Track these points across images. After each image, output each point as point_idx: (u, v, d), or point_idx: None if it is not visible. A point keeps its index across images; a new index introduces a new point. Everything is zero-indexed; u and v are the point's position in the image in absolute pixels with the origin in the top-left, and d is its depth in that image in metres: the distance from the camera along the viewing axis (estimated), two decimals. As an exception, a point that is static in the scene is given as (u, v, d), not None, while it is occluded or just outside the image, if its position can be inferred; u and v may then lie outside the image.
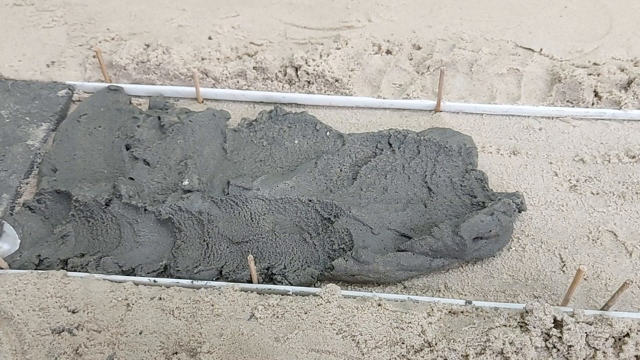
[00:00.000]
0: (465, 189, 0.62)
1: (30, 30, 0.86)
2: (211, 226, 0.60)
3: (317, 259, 0.59)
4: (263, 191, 0.61)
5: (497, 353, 0.50)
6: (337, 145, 0.66)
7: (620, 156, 0.67)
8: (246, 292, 0.56)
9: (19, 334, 0.53)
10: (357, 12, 0.88)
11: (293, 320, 0.52)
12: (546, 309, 0.50)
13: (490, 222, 0.56)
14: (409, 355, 0.50)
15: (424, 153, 0.64)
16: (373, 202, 0.62)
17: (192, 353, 0.51)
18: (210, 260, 0.59)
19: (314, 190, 0.62)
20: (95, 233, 0.61)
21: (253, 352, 0.51)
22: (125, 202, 0.61)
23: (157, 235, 0.61)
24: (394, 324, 0.52)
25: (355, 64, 0.77)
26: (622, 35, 0.81)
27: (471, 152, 0.64)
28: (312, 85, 0.74)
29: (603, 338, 0.50)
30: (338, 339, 0.51)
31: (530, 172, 0.67)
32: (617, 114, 0.71)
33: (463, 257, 0.57)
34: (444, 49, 0.79)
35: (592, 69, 0.75)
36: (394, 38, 0.82)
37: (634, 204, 0.63)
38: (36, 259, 0.60)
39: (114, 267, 0.58)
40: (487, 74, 0.76)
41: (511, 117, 0.72)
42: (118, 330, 0.53)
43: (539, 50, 0.79)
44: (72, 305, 0.54)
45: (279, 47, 0.83)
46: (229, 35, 0.85)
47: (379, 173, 0.64)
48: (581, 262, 0.59)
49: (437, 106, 0.72)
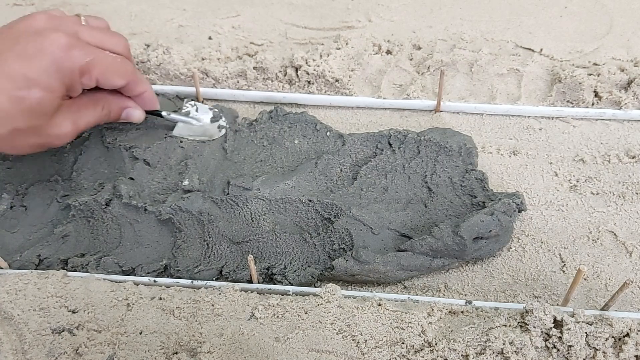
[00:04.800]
0: (466, 189, 0.62)
1: (31, 30, 0.86)
2: (211, 226, 0.60)
3: (317, 259, 0.59)
4: (263, 191, 0.61)
5: (497, 353, 0.50)
6: (337, 145, 0.66)
7: (620, 156, 0.67)
8: (246, 292, 0.56)
9: (19, 333, 0.53)
10: (358, 12, 0.88)
11: (293, 320, 0.53)
12: (546, 309, 0.50)
13: (490, 222, 0.56)
14: (409, 355, 0.51)
15: (424, 153, 0.64)
16: (373, 202, 0.62)
17: (192, 353, 0.52)
18: (210, 260, 0.59)
19: (314, 190, 0.62)
20: (95, 233, 0.61)
21: (253, 352, 0.51)
22: (126, 202, 0.61)
23: (157, 235, 0.61)
24: (394, 323, 0.52)
25: (356, 64, 0.77)
26: (622, 36, 0.81)
27: (471, 152, 0.64)
28: (312, 85, 0.74)
29: (603, 338, 0.50)
30: (338, 339, 0.51)
31: (530, 172, 0.67)
32: (617, 114, 0.71)
33: (463, 257, 0.57)
34: (444, 49, 0.79)
35: (592, 69, 0.75)
36: (394, 38, 0.82)
37: (634, 204, 0.63)
38: (36, 259, 0.60)
39: (115, 267, 0.59)
40: (487, 74, 0.76)
41: (511, 117, 0.72)
42: (118, 330, 0.53)
43: (539, 51, 0.79)
44: (73, 305, 0.54)
45: (279, 47, 0.83)
46: (229, 35, 0.85)
47: (379, 173, 0.64)
48: (581, 262, 0.59)
49: (437, 106, 0.72)
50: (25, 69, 0.50)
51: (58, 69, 0.52)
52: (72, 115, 0.56)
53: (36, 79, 0.51)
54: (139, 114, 0.62)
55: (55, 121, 0.54)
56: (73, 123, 0.56)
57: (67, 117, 0.55)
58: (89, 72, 0.54)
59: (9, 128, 0.51)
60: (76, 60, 0.53)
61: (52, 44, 0.52)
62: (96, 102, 0.58)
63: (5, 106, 0.50)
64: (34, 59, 0.51)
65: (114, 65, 0.57)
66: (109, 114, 0.60)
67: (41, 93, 0.51)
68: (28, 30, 0.52)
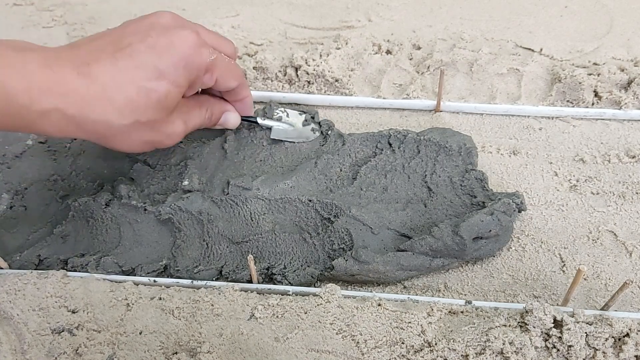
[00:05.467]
0: (465, 189, 0.62)
1: (30, 30, 0.86)
2: (211, 226, 0.60)
3: (317, 258, 0.59)
4: (263, 191, 0.61)
5: (497, 353, 0.50)
6: (337, 145, 0.66)
7: (620, 156, 0.67)
8: (246, 292, 0.56)
9: (19, 334, 0.53)
10: (357, 11, 0.88)
11: (293, 320, 0.53)
12: (546, 309, 0.50)
13: (490, 222, 0.56)
14: (409, 355, 0.51)
15: (424, 153, 0.64)
16: (373, 202, 0.62)
17: (191, 353, 0.51)
18: (210, 260, 0.59)
19: (314, 190, 0.62)
20: (95, 233, 0.61)
21: (253, 352, 0.51)
22: (125, 202, 0.61)
23: (157, 235, 0.61)
24: (393, 323, 0.52)
25: (355, 63, 0.77)
26: (622, 35, 0.81)
27: (471, 152, 0.64)
28: (312, 85, 0.74)
29: (603, 338, 0.50)
30: (338, 339, 0.51)
31: (530, 172, 0.67)
32: (617, 114, 0.71)
33: (463, 257, 0.57)
34: (444, 48, 0.79)
35: (592, 69, 0.75)
36: (394, 38, 0.82)
37: (634, 204, 0.63)
38: (36, 259, 0.60)
39: (114, 267, 0.59)
40: (487, 73, 0.76)
41: (511, 117, 0.72)
42: (118, 330, 0.53)
43: (539, 50, 0.79)
44: (72, 305, 0.54)
45: (279, 47, 0.83)
46: (229, 35, 0.85)
47: (379, 173, 0.64)
48: (581, 262, 0.59)
49: (437, 106, 0.72)
50: (157, 61, 0.50)
51: (187, 64, 0.52)
52: (184, 115, 0.56)
53: (166, 72, 0.51)
54: (235, 118, 0.64)
55: (171, 118, 0.54)
56: (184, 123, 0.56)
57: (179, 116, 0.56)
58: (211, 71, 0.55)
59: (132, 120, 0.51)
60: (203, 58, 0.54)
61: (183, 40, 0.52)
62: (201, 104, 0.59)
63: (133, 97, 0.50)
64: (165, 52, 0.51)
65: (230, 67, 0.58)
66: (211, 116, 0.61)
67: (168, 86, 0.51)
68: (156, 25, 0.53)
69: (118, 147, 0.53)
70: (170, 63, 0.51)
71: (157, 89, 0.51)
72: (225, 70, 0.57)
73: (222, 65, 0.56)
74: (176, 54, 0.51)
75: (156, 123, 0.53)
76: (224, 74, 0.57)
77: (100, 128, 0.50)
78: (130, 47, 0.50)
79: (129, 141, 0.53)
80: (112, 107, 0.49)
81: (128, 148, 0.54)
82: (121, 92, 0.49)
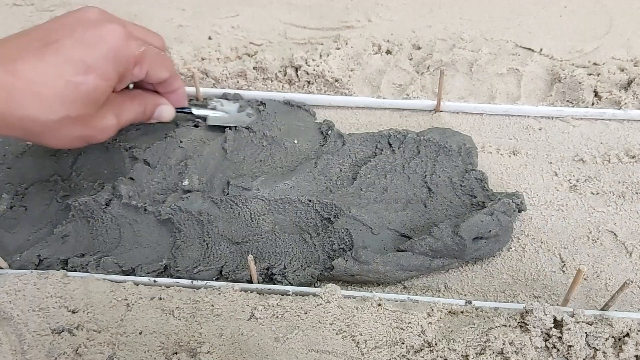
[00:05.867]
0: (465, 189, 0.62)
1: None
2: (211, 226, 0.60)
3: (317, 259, 0.59)
4: (263, 191, 0.61)
5: (497, 353, 0.50)
6: (337, 145, 0.66)
7: (620, 156, 0.67)
8: (246, 292, 0.56)
9: (19, 334, 0.53)
10: (357, 11, 0.88)
11: (293, 321, 0.53)
12: (546, 309, 0.50)
13: (490, 222, 0.56)
14: (409, 355, 0.51)
15: (423, 153, 0.64)
16: (373, 202, 0.62)
17: (191, 353, 0.51)
18: (210, 260, 0.59)
19: (313, 190, 0.62)
20: (95, 233, 0.61)
21: (253, 352, 0.51)
22: (125, 202, 0.61)
23: (157, 235, 0.61)
24: (393, 324, 0.52)
25: (355, 64, 0.77)
26: (622, 35, 0.81)
27: (471, 152, 0.64)
28: (312, 85, 0.74)
29: (603, 338, 0.50)
30: (338, 339, 0.51)
31: (530, 172, 0.67)
32: (617, 114, 0.71)
33: (463, 257, 0.57)
34: (443, 48, 0.79)
35: (592, 69, 0.75)
36: (394, 38, 0.82)
37: (634, 204, 0.63)
38: (36, 259, 0.60)
39: (114, 267, 0.59)
40: (487, 73, 0.76)
41: (511, 117, 0.72)
42: (118, 330, 0.53)
43: (539, 50, 0.79)
44: (72, 305, 0.54)
45: (278, 47, 0.83)
46: (229, 35, 0.85)
47: (379, 173, 0.64)
48: (581, 262, 0.59)
49: (437, 106, 0.72)
50: (84, 55, 0.50)
51: (115, 57, 0.52)
52: (115, 109, 0.56)
53: (94, 66, 0.51)
54: (170, 110, 0.63)
55: (102, 113, 0.54)
56: (116, 117, 0.56)
57: (110, 110, 0.55)
58: (140, 63, 0.56)
59: (61, 115, 0.50)
60: (132, 50, 0.54)
61: (110, 33, 0.52)
62: (133, 98, 0.59)
63: (61, 91, 0.50)
64: (94, 46, 0.51)
65: (160, 58, 0.58)
66: (145, 111, 0.60)
67: (97, 80, 0.51)
68: (83, 20, 0.53)
69: (48, 144, 0.53)
70: (98, 56, 0.51)
71: (86, 82, 0.50)
72: (155, 61, 0.57)
73: (151, 56, 0.56)
74: (104, 47, 0.51)
75: (86, 118, 0.52)
76: (154, 65, 0.57)
77: (28, 124, 0.49)
78: (57, 42, 0.50)
79: (59, 137, 0.52)
80: (39, 103, 0.49)
81: (59, 144, 0.53)
82: (48, 87, 0.49)
